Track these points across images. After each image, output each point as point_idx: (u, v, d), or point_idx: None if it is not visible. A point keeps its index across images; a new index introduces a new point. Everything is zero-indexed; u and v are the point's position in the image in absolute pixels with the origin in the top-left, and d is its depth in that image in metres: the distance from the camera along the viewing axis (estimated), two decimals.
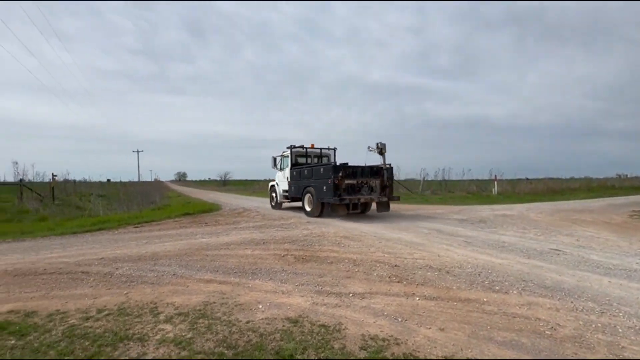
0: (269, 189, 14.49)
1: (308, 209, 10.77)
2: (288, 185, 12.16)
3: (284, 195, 12.70)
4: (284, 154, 12.72)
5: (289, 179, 12.10)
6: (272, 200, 13.92)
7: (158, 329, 2.82)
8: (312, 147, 12.33)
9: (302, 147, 12.24)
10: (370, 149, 10.44)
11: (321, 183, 9.95)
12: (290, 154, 12.11)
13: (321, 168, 10.18)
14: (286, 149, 12.39)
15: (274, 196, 13.73)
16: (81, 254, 5.69)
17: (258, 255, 5.40)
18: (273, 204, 13.81)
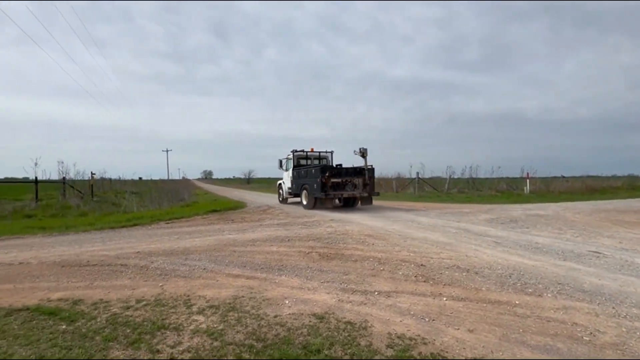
0: (277, 186, 16.60)
1: (305, 203, 12.64)
2: (290, 183, 14.19)
3: (288, 192, 14.62)
4: (288, 156, 14.77)
5: (291, 178, 14.06)
6: (280, 196, 15.96)
7: (192, 319, 2.97)
8: (312, 150, 14.37)
9: (302, 151, 14.32)
10: (355, 152, 12.07)
11: (313, 181, 11.79)
12: (293, 156, 14.26)
13: (313, 169, 12.05)
14: (290, 152, 14.45)
15: (281, 192, 15.85)
16: (119, 247, 6.07)
17: (283, 252, 5.51)
18: (280, 199, 15.86)
